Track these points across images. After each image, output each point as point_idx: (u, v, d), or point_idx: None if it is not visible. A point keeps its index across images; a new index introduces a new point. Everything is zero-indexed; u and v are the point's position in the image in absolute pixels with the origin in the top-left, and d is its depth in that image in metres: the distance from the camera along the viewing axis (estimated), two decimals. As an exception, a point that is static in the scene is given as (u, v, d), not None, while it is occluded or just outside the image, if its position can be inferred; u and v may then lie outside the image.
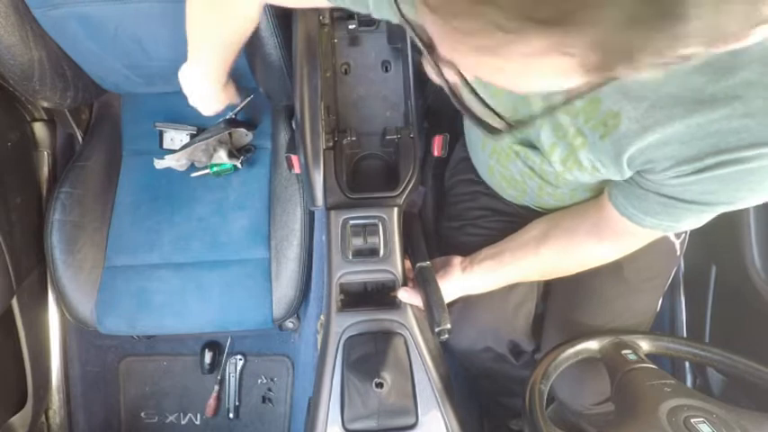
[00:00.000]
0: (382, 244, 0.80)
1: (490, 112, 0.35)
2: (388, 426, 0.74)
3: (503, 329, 0.88)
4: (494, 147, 0.72)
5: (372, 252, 0.80)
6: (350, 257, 0.80)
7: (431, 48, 0.32)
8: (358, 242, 0.79)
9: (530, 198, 0.79)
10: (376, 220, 0.80)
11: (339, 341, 0.78)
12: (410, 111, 0.86)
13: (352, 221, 0.81)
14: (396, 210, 0.82)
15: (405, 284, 0.80)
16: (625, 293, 0.82)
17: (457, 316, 0.87)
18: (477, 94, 0.34)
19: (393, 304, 0.79)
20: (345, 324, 0.78)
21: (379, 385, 0.73)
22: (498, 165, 0.74)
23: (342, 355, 0.77)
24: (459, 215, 0.95)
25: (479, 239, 0.89)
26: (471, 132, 0.77)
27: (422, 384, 0.76)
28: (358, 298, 0.82)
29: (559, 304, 0.91)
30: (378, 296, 0.82)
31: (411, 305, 0.80)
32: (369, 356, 0.76)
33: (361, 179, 0.85)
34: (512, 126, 0.34)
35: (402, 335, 0.78)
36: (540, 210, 0.83)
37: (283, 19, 0.85)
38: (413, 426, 0.74)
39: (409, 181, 0.82)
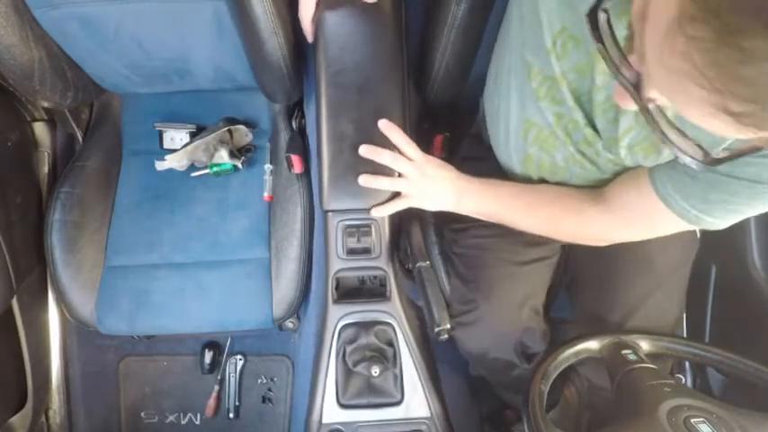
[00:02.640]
0: (374, 244, 0.88)
1: (689, 141, 0.40)
2: (376, 402, 0.86)
3: (507, 329, 0.87)
4: (537, 134, 0.72)
5: (365, 251, 0.88)
6: (345, 255, 0.88)
7: (637, 85, 0.39)
8: (352, 242, 0.87)
9: (565, 185, 0.80)
10: (369, 222, 0.87)
11: (335, 330, 0.87)
12: (406, 116, 0.88)
13: (347, 223, 0.87)
14: None
15: (396, 280, 0.83)
16: (655, 287, 0.82)
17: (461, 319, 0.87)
18: (678, 129, 0.40)
19: (383, 297, 0.89)
20: (340, 314, 0.88)
21: (370, 368, 0.83)
22: (541, 152, 0.74)
23: (337, 342, 0.87)
24: (464, 217, 0.94)
25: (484, 241, 0.89)
26: (508, 122, 0.77)
27: (407, 367, 0.87)
28: (352, 292, 0.91)
29: (587, 299, 0.90)
30: (370, 290, 0.90)
31: (400, 299, 0.88)
32: (361, 343, 0.87)
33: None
34: (708, 156, 0.39)
35: (391, 324, 0.87)
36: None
37: (283, 20, 0.85)
38: (398, 403, 0.87)
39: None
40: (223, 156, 1.05)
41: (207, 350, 1.29)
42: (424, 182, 0.79)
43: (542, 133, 0.70)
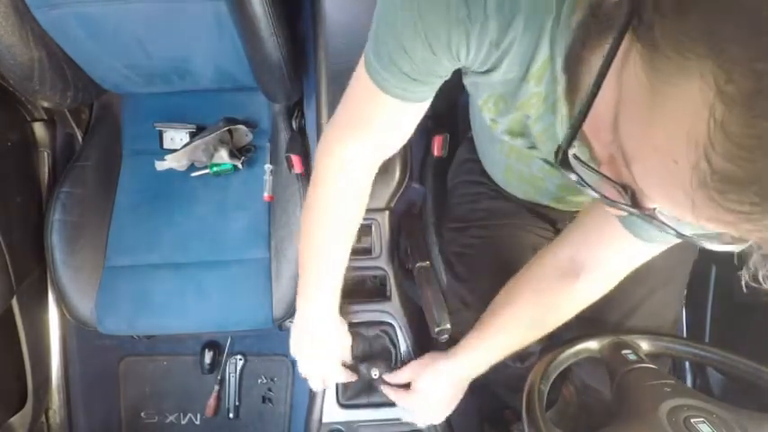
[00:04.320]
0: (374, 244, 0.88)
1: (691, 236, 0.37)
2: (376, 401, 0.85)
3: None
4: (511, 146, 0.71)
5: (365, 251, 0.88)
6: None
7: (632, 198, 0.34)
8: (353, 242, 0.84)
9: (548, 194, 0.79)
10: (369, 222, 0.84)
11: None
12: None
13: None
14: (387, 213, 0.90)
15: (396, 280, 0.84)
16: (653, 290, 0.81)
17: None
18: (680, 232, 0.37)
19: (384, 297, 0.89)
20: (341, 314, 0.86)
21: (370, 369, 0.84)
22: (518, 163, 0.74)
23: None
24: (463, 217, 0.95)
25: (483, 241, 0.89)
26: (484, 134, 0.77)
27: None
28: (352, 292, 0.91)
29: None
30: (370, 290, 0.91)
31: (400, 299, 0.89)
32: (362, 343, 0.87)
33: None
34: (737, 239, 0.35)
35: (391, 324, 0.88)
36: (557, 207, 0.83)
37: (283, 20, 0.85)
38: None
39: (398, 188, 0.87)
40: (223, 156, 1.05)
41: (207, 350, 1.29)
42: (419, 399, 0.81)
43: (515, 145, 0.70)
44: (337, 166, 0.68)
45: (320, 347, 0.81)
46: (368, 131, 0.63)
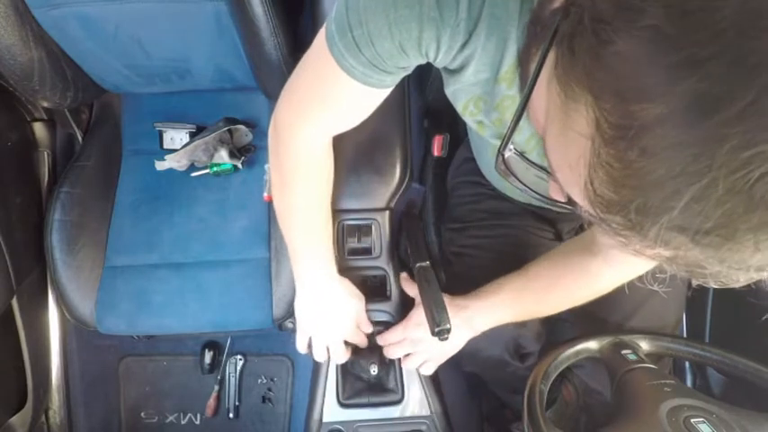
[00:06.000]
0: (375, 243, 0.88)
1: None
2: (376, 401, 0.86)
3: (500, 328, 0.87)
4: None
5: (366, 251, 0.89)
6: (345, 255, 0.88)
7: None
8: (353, 242, 0.87)
9: (542, 198, 0.79)
10: (369, 222, 0.86)
11: None
12: (406, 119, 0.88)
13: (347, 223, 0.87)
14: (387, 213, 0.90)
15: (396, 280, 0.87)
16: (652, 290, 0.79)
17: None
18: None
19: (384, 297, 0.89)
20: None
21: (371, 368, 0.85)
22: None
23: None
24: (462, 217, 0.95)
25: (482, 242, 0.89)
26: (476, 137, 0.77)
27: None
28: None
29: None
30: (370, 290, 0.90)
31: (401, 299, 0.89)
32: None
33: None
34: None
35: (391, 323, 0.87)
36: (555, 209, 0.83)
37: (283, 20, 0.85)
38: (398, 401, 0.87)
39: (398, 188, 0.88)
40: (223, 156, 1.05)
41: (207, 350, 1.29)
42: (430, 342, 0.80)
43: None
44: (298, 143, 0.67)
45: (323, 312, 0.79)
46: (325, 111, 0.62)
